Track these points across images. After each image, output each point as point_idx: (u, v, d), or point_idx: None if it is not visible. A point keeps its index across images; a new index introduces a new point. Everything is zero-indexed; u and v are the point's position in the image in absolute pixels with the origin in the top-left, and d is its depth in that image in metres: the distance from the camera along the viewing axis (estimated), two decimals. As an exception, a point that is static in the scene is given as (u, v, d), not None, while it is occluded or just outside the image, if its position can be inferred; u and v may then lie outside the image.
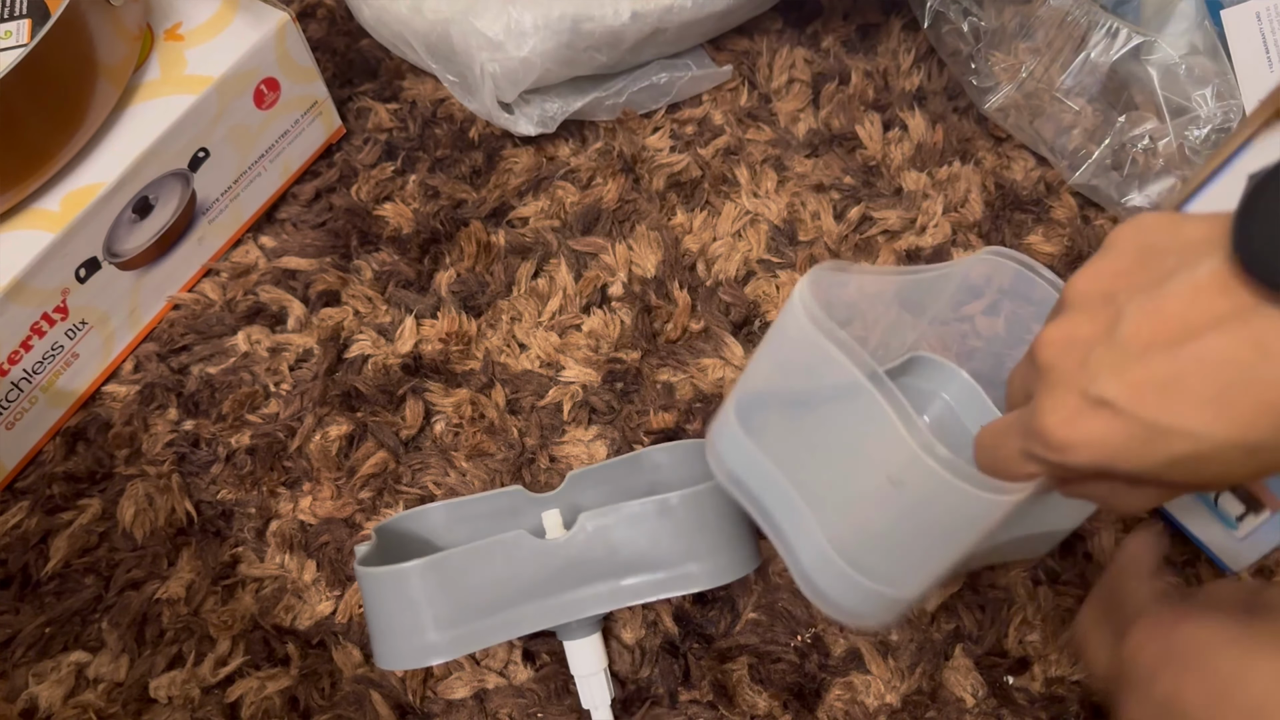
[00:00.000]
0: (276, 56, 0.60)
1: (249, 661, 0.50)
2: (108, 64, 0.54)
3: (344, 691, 0.49)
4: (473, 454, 0.55)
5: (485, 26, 0.60)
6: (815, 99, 0.67)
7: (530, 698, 0.48)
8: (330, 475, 0.54)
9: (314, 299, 0.60)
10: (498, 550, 0.42)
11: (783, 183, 0.64)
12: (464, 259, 0.61)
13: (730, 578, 0.44)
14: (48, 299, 0.53)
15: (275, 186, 0.64)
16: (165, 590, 0.52)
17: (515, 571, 0.43)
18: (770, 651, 0.48)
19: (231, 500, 0.54)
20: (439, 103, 0.69)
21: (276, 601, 0.51)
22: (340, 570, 0.52)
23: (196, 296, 0.61)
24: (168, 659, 0.50)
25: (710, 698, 0.47)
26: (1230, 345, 0.27)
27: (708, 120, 0.67)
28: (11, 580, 0.52)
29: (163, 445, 0.56)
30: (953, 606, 0.49)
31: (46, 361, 0.55)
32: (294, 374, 0.58)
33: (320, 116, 0.65)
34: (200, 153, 0.58)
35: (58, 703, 0.49)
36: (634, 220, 0.63)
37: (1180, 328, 0.28)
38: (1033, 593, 0.49)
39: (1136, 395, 0.28)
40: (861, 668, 0.48)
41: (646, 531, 0.43)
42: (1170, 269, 0.29)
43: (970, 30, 0.62)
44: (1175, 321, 0.28)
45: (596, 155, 0.66)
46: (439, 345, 0.58)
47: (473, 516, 0.49)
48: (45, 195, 0.54)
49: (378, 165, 0.66)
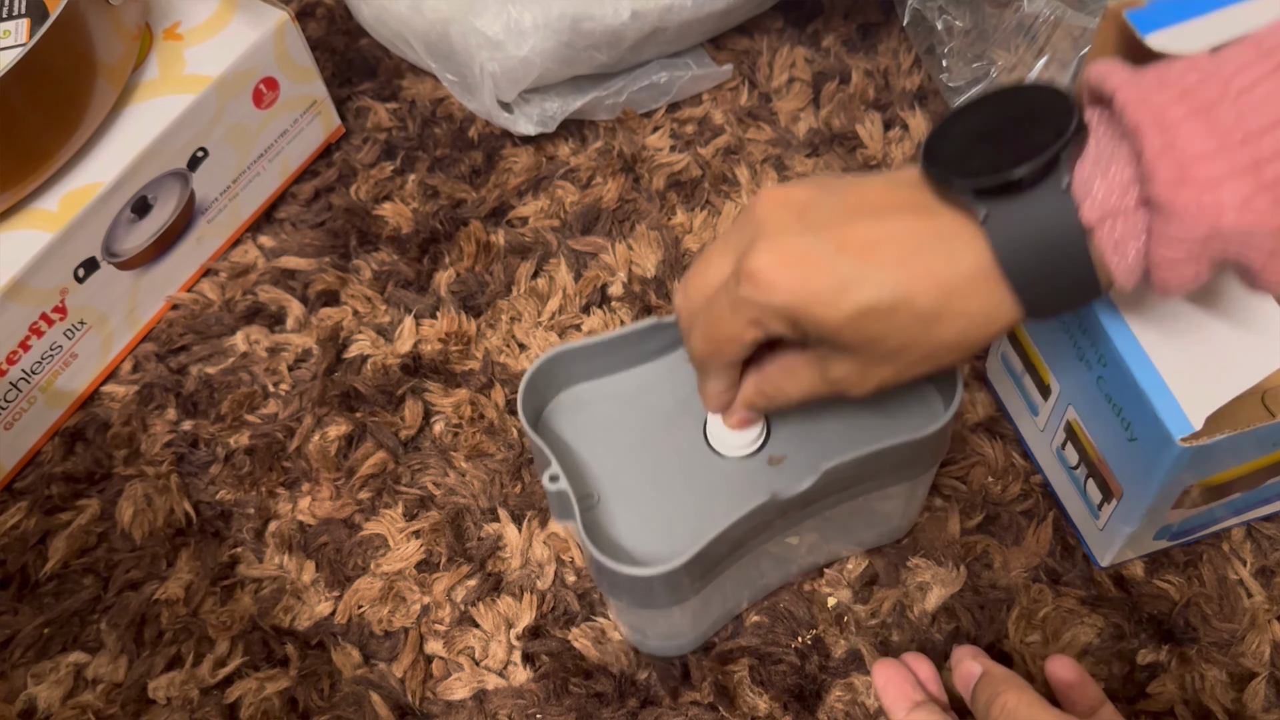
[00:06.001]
0: (275, 56, 0.59)
1: (248, 662, 0.50)
2: (106, 63, 0.54)
3: (343, 692, 0.49)
4: (472, 454, 0.55)
5: (485, 25, 0.60)
6: (816, 98, 0.67)
7: (529, 698, 0.48)
8: (329, 475, 0.54)
9: (313, 299, 0.60)
10: (748, 520, 0.40)
11: (783, 182, 0.64)
12: (463, 259, 0.61)
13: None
14: (46, 299, 0.53)
15: (274, 186, 0.64)
16: (164, 591, 0.51)
17: (762, 522, 0.41)
18: (771, 653, 0.48)
19: (230, 501, 0.54)
20: (438, 102, 0.68)
21: (275, 602, 0.51)
22: (339, 570, 0.52)
23: (195, 296, 0.61)
24: (166, 660, 0.50)
25: (711, 699, 0.47)
26: (916, 224, 0.34)
27: (708, 120, 0.67)
28: (10, 581, 0.52)
29: (161, 445, 0.56)
30: (952, 607, 0.49)
31: (45, 361, 0.54)
32: (293, 374, 0.58)
33: (319, 116, 0.65)
34: (199, 152, 0.58)
35: (56, 703, 0.49)
36: (634, 220, 0.63)
37: (881, 206, 0.34)
38: (1033, 593, 0.49)
39: (839, 248, 0.34)
40: (862, 669, 0.48)
41: (892, 457, 0.41)
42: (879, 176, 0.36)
43: (944, 28, 0.62)
44: (879, 201, 0.35)
45: (596, 155, 0.65)
46: (438, 345, 0.58)
47: (605, 351, 0.46)
48: (44, 195, 0.54)
49: (377, 165, 0.66)
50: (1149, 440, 0.40)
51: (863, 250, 0.34)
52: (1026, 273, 0.33)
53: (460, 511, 0.53)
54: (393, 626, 0.50)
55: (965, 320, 0.34)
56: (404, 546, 0.52)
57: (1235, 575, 0.49)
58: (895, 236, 0.34)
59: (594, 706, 0.47)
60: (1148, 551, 0.49)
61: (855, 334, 0.34)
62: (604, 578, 0.41)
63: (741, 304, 0.35)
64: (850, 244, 0.34)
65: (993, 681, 0.39)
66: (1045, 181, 0.32)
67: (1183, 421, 0.38)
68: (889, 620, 0.49)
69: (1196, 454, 0.39)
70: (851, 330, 0.34)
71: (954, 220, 0.33)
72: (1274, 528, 0.50)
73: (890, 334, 0.34)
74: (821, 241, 0.34)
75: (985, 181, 0.32)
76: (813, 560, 0.49)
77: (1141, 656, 0.47)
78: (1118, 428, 0.42)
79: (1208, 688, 0.46)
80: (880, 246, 0.34)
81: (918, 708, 0.42)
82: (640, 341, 0.45)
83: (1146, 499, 0.42)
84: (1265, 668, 0.47)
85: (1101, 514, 0.47)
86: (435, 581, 0.51)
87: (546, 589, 0.50)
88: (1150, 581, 0.49)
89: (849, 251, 0.34)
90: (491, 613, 0.50)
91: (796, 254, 0.34)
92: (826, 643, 0.49)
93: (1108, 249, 0.31)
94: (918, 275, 0.33)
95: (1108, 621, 0.48)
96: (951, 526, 0.51)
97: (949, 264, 0.33)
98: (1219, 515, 0.47)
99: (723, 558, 0.41)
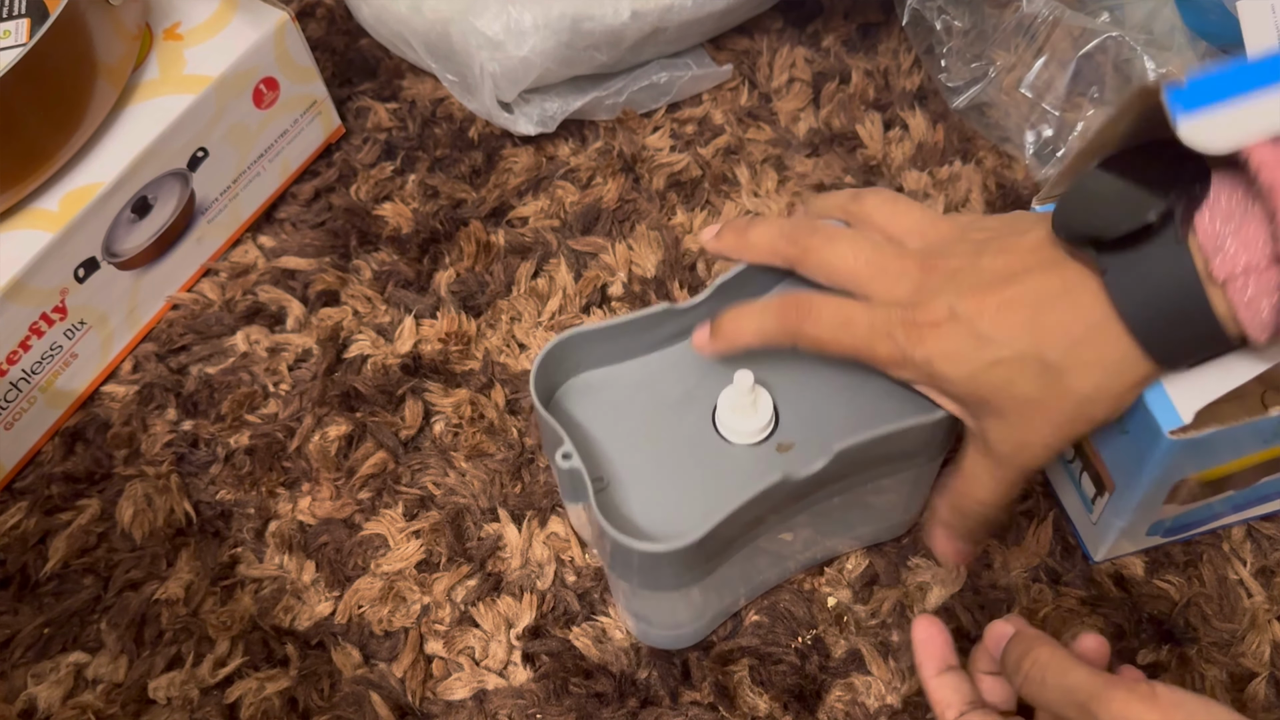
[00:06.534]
0: (275, 56, 0.60)
1: (248, 662, 0.50)
2: (106, 63, 0.54)
3: (343, 692, 0.49)
4: (472, 454, 0.55)
5: (485, 25, 0.60)
6: (816, 98, 0.67)
7: (529, 698, 0.48)
8: (329, 475, 0.54)
9: (313, 299, 0.60)
10: (760, 500, 0.40)
11: (783, 182, 0.64)
12: (463, 259, 0.61)
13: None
14: (46, 299, 0.53)
15: (274, 186, 0.64)
16: (164, 591, 0.51)
17: (772, 505, 0.41)
18: (771, 653, 0.48)
19: (230, 501, 0.54)
20: (438, 102, 0.68)
21: (275, 602, 0.51)
22: (339, 570, 0.52)
23: (195, 296, 0.61)
24: (167, 660, 0.50)
25: (711, 699, 0.47)
26: (1045, 281, 0.36)
27: (708, 120, 0.67)
28: (10, 581, 0.52)
29: (161, 445, 0.56)
30: (952, 607, 0.49)
31: (45, 361, 0.55)
32: (293, 374, 0.58)
33: (319, 116, 0.65)
34: (199, 152, 0.58)
35: (56, 703, 0.49)
36: (634, 220, 0.63)
37: (1018, 267, 0.37)
38: (1033, 593, 0.49)
39: (979, 311, 0.37)
40: (862, 669, 0.48)
41: (904, 439, 0.42)
42: (1013, 230, 0.39)
43: (943, 29, 0.62)
44: (1016, 262, 0.37)
45: (596, 155, 0.65)
46: (438, 345, 0.58)
47: (616, 335, 0.46)
48: (44, 195, 0.54)
49: (377, 165, 0.66)
50: (1139, 433, 0.40)
51: (997, 311, 0.37)
52: (1145, 322, 0.34)
53: (460, 511, 0.53)
54: (393, 626, 0.50)
55: (1098, 371, 0.36)
56: (404, 546, 0.52)
57: (1235, 575, 0.49)
58: (1027, 295, 0.36)
59: (594, 706, 0.47)
60: (1143, 547, 0.49)
61: (986, 383, 0.37)
62: (617, 558, 0.41)
63: (895, 342, 0.39)
64: (988, 307, 0.37)
65: (1025, 639, 0.39)
66: (1162, 234, 0.33)
67: (1172, 415, 0.38)
68: (889, 620, 0.49)
69: (1186, 447, 0.39)
70: (984, 379, 0.37)
71: (1080, 274, 0.36)
72: (1274, 527, 0.50)
73: (1018, 381, 0.36)
74: (968, 305, 0.37)
75: (1103, 233, 0.35)
76: (812, 556, 0.49)
77: (1141, 656, 0.47)
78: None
79: (1208, 688, 0.46)
80: (1013, 306, 0.36)
81: (949, 671, 0.41)
82: (652, 327, 0.45)
83: (1138, 492, 0.42)
84: (1265, 668, 0.47)
85: (1095, 507, 0.47)
86: (435, 581, 0.51)
87: (546, 589, 0.51)
88: (1150, 581, 0.49)
89: (986, 314, 0.37)
90: (491, 613, 0.50)
91: (946, 318, 0.37)
92: (826, 643, 0.49)
93: (1239, 305, 0.33)
94: (1046, 328, 0.36)
95: (1108, 622, 0.48)
96: (951, 526, 0.51)
97: (1074, 315, 0.35)
98: (1214, 512, 0.47)
99: (733, 540, 0.41)
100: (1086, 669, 0.36)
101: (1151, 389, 0.38)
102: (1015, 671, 0.38)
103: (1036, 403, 0.37)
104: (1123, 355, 0.35)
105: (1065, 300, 0.36)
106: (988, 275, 0.38)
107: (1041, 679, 0.37)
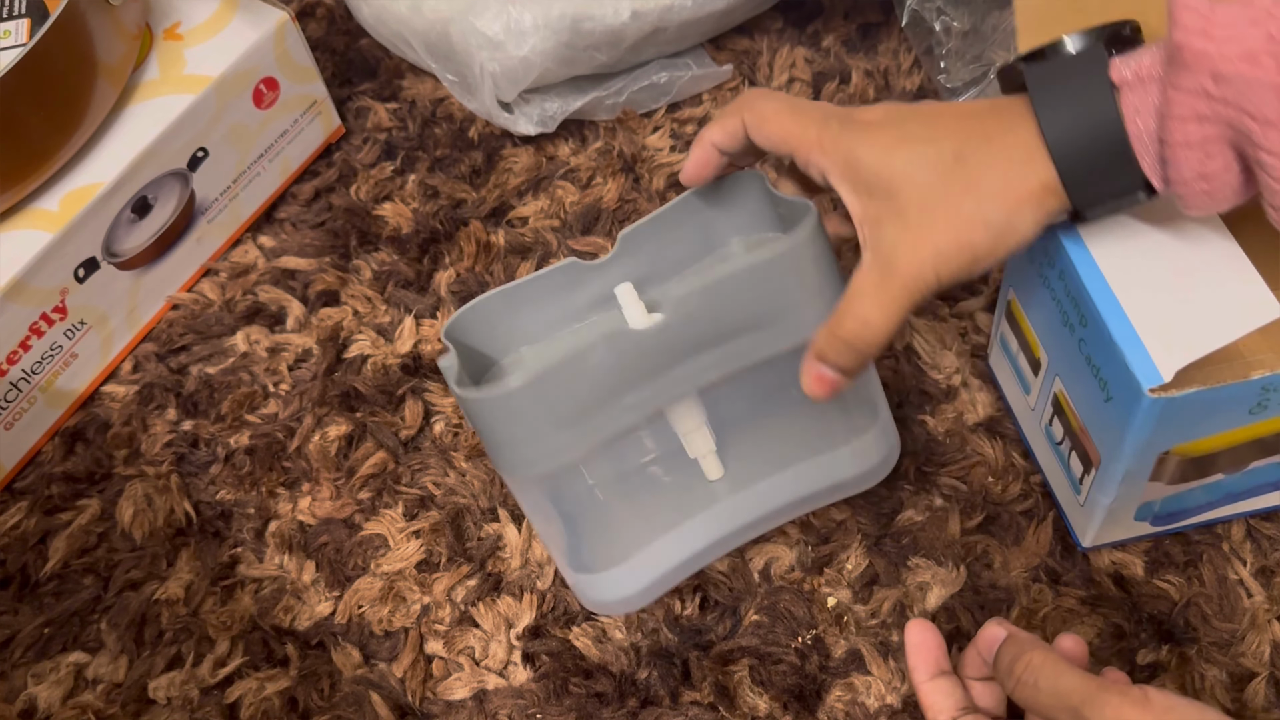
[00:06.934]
0: (275, 56, 0.60)
1: (248, 662, 0.50)
2: (106, 63, 0.54)
3: (343, 692, 0.49)
4: (472, 454, 0.55)
5: (485, 26, 0.60)
6: (816, 98, 0.67)
7: (529, 698, 0.48)
8: (329, 475, 0.54)
9: (313, 299, 0.60)
10: (599, 350, 0.39)
11: (783, 182, 0.64)
12: (463, 259, 0.61)
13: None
14: (46, 299, 0.53)
15: (274, 186, 0.64)
16: (164, 591, 0.51)
17: (620, 363, 0.40)
18: (771, 653, 0.48)
19: (230, 501, 0.54)
20: (438, 102, 0.68)
21: (275, 602, 0.51)
22: (339, 570, 0.52)
23: (195, 296, 0.61)
24: (167, 660, 0.50)
25: (711, 699, 0.47)
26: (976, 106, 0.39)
27: (708, 120, 0.67)
28: (10, 581, 0.52)
29: (161, 445, 0.56)
30: (952, 607, 0.49)
31: (45, 361, 0.55)
32: (293, 374, 0.58)
33: (319, 116, 0.65)
34: (199, 152, 0.58)
35: (56, 703, 0.49)
36: (634, 220, 0.62)
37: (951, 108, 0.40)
38: (1033, 593, 0.49)
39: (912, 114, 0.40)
40: (862, 669, 0.48)
41: (750, 289, 0.40)
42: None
43: (942, 29, 0.62)
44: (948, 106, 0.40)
45: (596, 155, 0.66)
46: (438, 345, 0.58)
47: (533, 298, 0.46)
48: (44, 195, 0.54)
49: (377, 165, 0.66)
50: (1121, 396, 0.40)
51: (928, 117, 0.39)
52: (1054, 122, 0.36)
53: (460, 511, 0.53)
54: (393, 626, 0.50)
55: (1002, 164, 0.37)
56: (404, 546, 0.52)
57: (1235, 575, 0.49)
58: (957, 109, 0.39)
59: (594, 706, 0.47)
60: (1133, 535, 0.49)
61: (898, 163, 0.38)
62: (480, 431, 0.42)
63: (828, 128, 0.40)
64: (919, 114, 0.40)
65: (1017, 643, 0.39)
66: (1088, 52, 0.36)
67: (1152, 372, 0.38)
68: (889, 620, 0.49)
69: (1167, 409, 0.39)
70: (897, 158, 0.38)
71: (1010, 101, 0.38)
72: (1274, 527, 0.50)
73: (926, 166, 0.38)
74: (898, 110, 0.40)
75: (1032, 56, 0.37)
76: (772, 506, 0.48)
77: (1141, 656, 0.47)
78: (1095, 390, 0.42)
79: (1208, 688, 0.46)
80: (943, 115, 0.39)
81: (941, 676, 0.41)
82: (570, 288, 0.46)
83: (1122, 463, 0.42)
84: (1265, 668, 0.47)
85: (1083, 488, 0.47)
86: (435, 581, 0.51)
87: (546, 589, 0.51)
88: (1150, 581, 0.49)
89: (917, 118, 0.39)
90: (491, 613, 0.50)
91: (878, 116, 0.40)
92: (826, 643, 0.49)
93: (1128, 112, 0.34)
94: (967, 131, 0.38)
95: (1108, 621, 0.48)
96: (951, 526, 0.51)
97: (995, 122, 0.38)
98: (1206, 500, 0.47)
99: (589, 408, 0.41)
100: (1079, 673, 0.36)
101: (1132, 347, 0.39)
102: (1007, 675, 0.38)
103: (940, 197, 0.37)
104: (1028, 154, 0.36)
105: (990, 113, 0.38)
106: (922, 106, 0.41)
107: (1034, 683, 0.37)
